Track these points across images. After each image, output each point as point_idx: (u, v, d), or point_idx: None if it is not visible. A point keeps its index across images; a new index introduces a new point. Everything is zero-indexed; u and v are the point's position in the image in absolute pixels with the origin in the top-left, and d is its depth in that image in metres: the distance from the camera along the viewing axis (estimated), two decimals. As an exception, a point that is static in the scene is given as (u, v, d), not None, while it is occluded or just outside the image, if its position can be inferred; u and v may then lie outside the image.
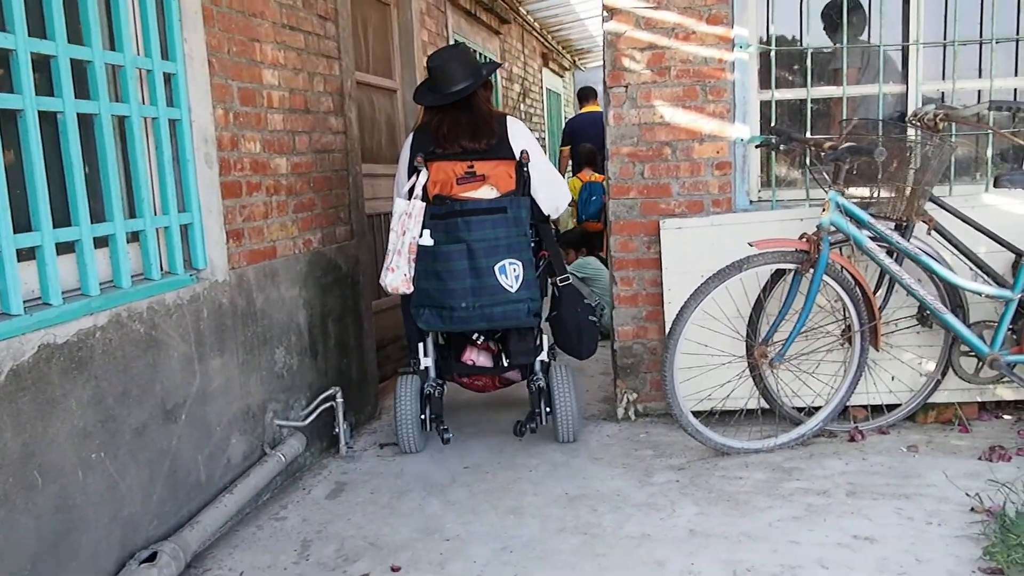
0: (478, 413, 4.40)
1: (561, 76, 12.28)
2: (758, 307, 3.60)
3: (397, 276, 3.43)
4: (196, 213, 2.89)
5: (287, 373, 3.50)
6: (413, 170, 3.51)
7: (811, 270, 3.30)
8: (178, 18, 2.81)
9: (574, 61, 13.18)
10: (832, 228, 3.31)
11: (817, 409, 3.58)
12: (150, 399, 2.61)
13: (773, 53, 3.91)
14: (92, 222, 2.43)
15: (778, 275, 3.55)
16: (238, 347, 3.13)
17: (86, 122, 2.47)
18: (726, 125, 3.94)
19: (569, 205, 7.53)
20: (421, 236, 3.42)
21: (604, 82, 4.06)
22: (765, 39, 3.97)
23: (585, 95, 8.13)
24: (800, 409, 3.65)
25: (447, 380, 3.88)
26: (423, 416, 3.68)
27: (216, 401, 2.98)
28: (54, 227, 2.27)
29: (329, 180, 3.98)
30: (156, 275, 2.69)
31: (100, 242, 2.52)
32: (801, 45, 3.91)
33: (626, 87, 3.97)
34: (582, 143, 7.11)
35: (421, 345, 3.72)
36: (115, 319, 2.45)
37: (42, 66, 2.31)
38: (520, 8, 8.50)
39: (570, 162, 7.56)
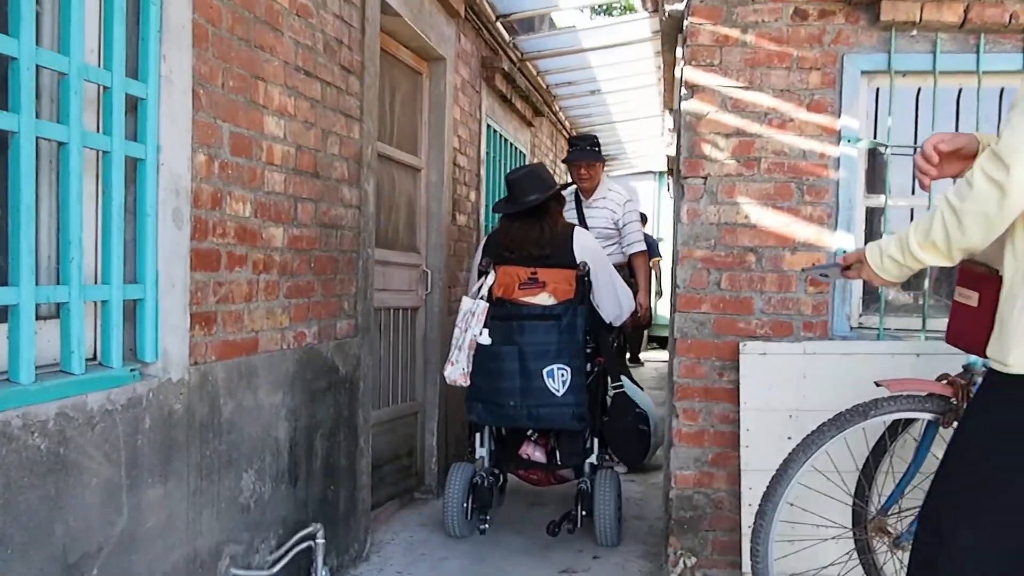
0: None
1: (585, 181, 11.76)
2: (877, 456, 2.79)
3: (456, 370, 3.62)
4: (151, 286, 2.13)
5: (255, 505, 2.66)
6: (482, 272, 3.75)
7: (955, 423, 2.51)
8: (157, 28, 2.12)
9: (599, 167, 12.70)
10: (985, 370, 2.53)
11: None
12: (43, 549, 1.78)
13: (889, 151, 3.23)
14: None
15: (898, 422, 2.76)
16: (190, 471, 2.31)
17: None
18: (825, 232, 3.22)
19: None
20: (480, 335, 3.58)
21: (677, 170, 3.37)
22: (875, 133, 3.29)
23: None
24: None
25: (504, 471, 3.99)
26: (465, 505, 3.76)
27: (149, 546, 2.14)
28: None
29: (334, 262, 3.23)
30: (78, 367, 1.90)
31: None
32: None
33: (705, 179, 3.27)
34: None
35: (478, 435, 3.85)
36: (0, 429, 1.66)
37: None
38: (553, 104, 7.97)
39: None
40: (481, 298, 3.69)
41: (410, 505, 4.39)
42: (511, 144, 6.54)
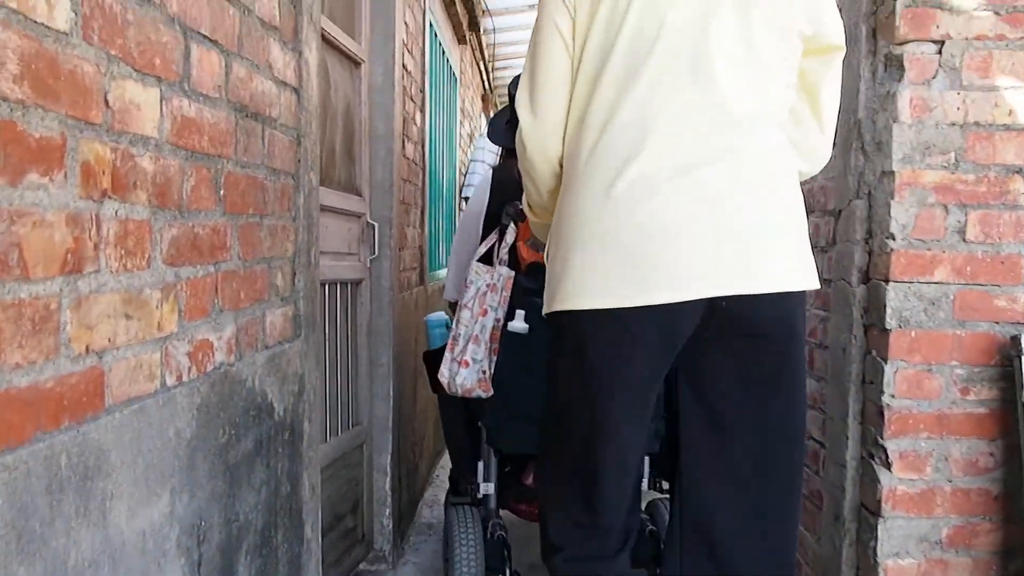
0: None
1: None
2: None
3: (472, 374, 2.35)
4: None
5: None
6: (495, 223, 2.53)
7: None
8: None
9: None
10: None
11: None
12: None
13: None
14: None
15: None
16: None
17: None
18: None
19: None
20: (512, 318, 2.36)
21: (873, 37, 1.91)
22: None
23: None
24: None
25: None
26: (502, 573, 2.37)
27: None
28: None
29: (260, 189, 1.58)
30: None
31: None
32: None
33: (940, 44, 1.83)
34: None
35: (481, 465, 2.56)
36: None
37: None
38: (480, 21, 6.35)
39: None
40: (501, 262, 2.43)
41: (359, 590, 2.80)
42: (446, 58, 4.91)
